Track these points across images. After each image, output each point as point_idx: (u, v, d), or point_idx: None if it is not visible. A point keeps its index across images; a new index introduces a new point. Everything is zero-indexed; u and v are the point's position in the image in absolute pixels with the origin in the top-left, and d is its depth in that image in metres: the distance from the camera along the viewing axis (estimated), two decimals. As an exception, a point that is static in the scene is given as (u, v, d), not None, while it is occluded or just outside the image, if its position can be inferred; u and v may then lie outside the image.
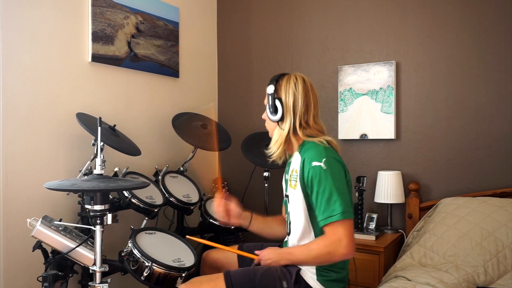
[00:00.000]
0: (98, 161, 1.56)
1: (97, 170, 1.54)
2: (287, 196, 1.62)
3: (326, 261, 1.49)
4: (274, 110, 1.59)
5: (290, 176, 1.58)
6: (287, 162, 1.71)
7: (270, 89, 1.60)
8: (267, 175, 2.55)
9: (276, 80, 1.61)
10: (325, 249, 1.44)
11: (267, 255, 1.58)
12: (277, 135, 1.61)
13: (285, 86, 1.60)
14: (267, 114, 1.64)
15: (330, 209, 1.42)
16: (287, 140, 1.59)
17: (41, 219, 1.60)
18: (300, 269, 1.54)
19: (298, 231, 1.56)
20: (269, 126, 1.68)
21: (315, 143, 1.54)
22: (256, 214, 1.82)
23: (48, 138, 2.02)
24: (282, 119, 1.59)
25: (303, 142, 1.58)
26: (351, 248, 1.42)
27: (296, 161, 1.55)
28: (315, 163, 1.47)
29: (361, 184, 2.43)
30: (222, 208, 1.77)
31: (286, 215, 1.66)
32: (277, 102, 1.58)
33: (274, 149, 1.61)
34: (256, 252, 1.63)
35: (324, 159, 1.47)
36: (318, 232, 1.51)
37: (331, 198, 1.43)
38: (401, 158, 2.53)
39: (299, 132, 1.58)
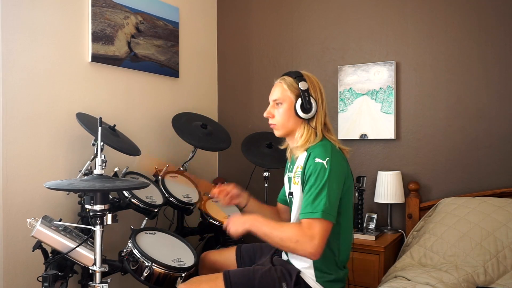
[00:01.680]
0: (98, 161, 1.56)
1: (97, 170, 1.55)
2: (291, 193, 1.63)
3: (289, 248, 1.44)
4: (309, 108, 1.55)
5: (295, 173, 1.58)
6: (288, 160, 1.71)
7: (304, 85, 1.55)
8: (267, 175, 2.55)
9: (302, 77, 1.57)
10: (295, 237, 1.39)
11: (236, 218, 1.55)
12: (308, 133, 1.56)
13: (313, 84, 1.58)
14: (295, 112, 1.56)
15: (314, 205, 1.42)
16: (316, 139, 1.56)
17: (41, 219, 1.60)
18: (300, 271, 1.54)
19: None
20: (287, 124, 1.59)
21: (324, 142, 1.54)
22: (253, 197, 1.83)
23: (48, 138, 2.02)
24: (313, 117, 1.56)
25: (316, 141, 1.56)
26: (318, 251, 1.38)
27: (302, 157, 1.55)
28: (318, 160, 1.47)
29: (361, 184, 2.43)
30: (221, 192, 1.76)
31: (290, 213, 1.66)
32: (312, 100, 1.56)
33: (304, 146, 1.55)
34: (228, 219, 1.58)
35: (327, 158, 1.46)
36: None
37: (319, 196, 1.42)
38: (401, 158, 2.52)
39: (325, 132, 1.58)
